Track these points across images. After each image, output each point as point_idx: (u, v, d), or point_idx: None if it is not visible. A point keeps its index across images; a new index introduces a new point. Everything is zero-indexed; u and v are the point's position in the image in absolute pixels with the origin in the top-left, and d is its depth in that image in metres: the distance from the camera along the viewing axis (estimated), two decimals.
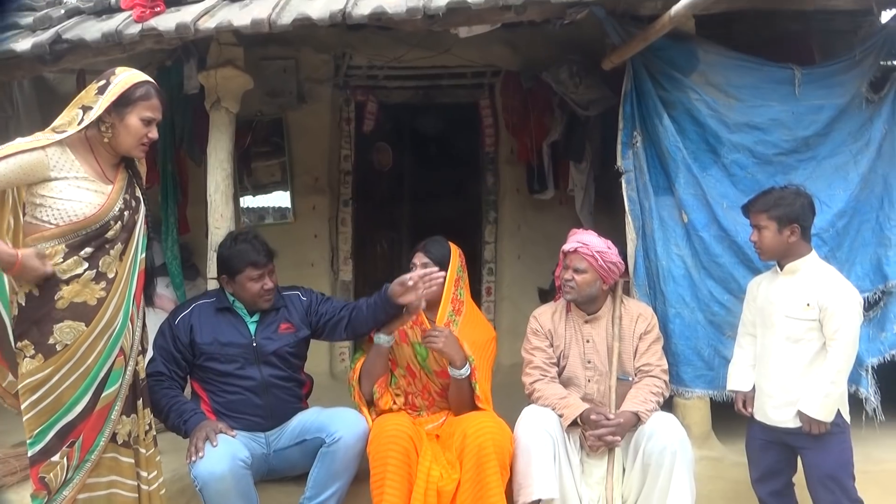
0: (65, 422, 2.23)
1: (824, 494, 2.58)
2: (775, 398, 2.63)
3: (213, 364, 2.79)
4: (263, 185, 4.76)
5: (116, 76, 2.29)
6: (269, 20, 2.64)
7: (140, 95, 2.29)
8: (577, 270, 2.83)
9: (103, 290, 2.26)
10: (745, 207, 2.73)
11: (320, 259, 4.70)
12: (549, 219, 4.56)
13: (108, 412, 2.32)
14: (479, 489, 2.56)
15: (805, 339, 2.57)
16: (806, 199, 2.62)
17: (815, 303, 2.55)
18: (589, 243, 2.83)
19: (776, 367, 2.63)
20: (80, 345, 2.22)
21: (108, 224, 2.28)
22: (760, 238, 2.64)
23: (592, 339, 2.90)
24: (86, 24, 2.86)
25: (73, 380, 2.23)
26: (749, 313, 2.81)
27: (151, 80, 2.35)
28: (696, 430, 3.08)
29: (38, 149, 2.17)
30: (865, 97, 3.12)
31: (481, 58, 4.49)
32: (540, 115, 4.37)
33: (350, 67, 4.62)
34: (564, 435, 2.73)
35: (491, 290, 4.81)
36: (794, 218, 2.58)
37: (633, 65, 3.09)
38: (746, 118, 3.04)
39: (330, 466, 2.70)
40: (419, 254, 2.96)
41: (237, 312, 2.86)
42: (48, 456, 2.22)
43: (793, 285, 2.63)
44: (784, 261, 2.65)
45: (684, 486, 2.57)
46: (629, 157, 3.14)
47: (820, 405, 2.51)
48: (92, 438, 2.29)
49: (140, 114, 2.29)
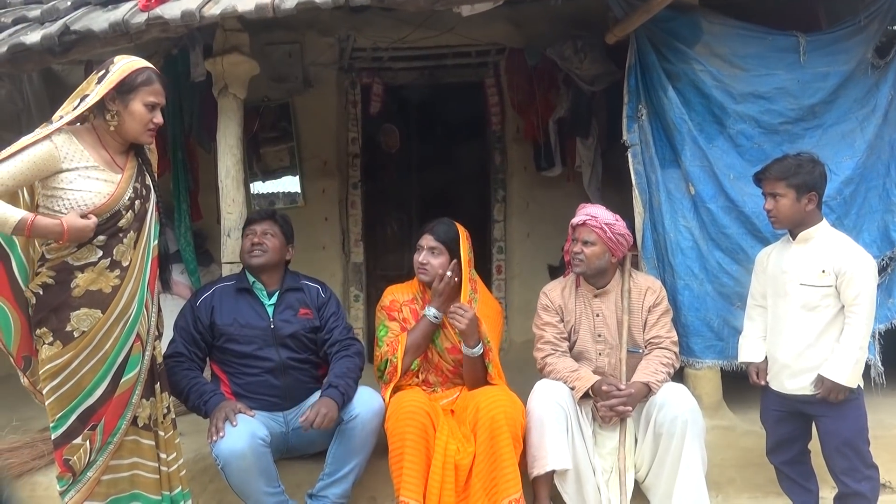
0: (86, 406, 2.30)
1: (841, 461, 2.58)
2: (791, 367, 2.63)
3: (232, 346, 2.85)
4: (273, 171, 4.79)
5: (115, 64, 2.31)
6: (273, 5, 2.65)
7: (142, 81, 2.31)
8: (586, 243, 2.86)
9: (118, 278, 2.31)
10: (758, 175, 2.69)
11: (331, 242, 4.74)
12: (558, 196, 4.56)
13: (129, 396, 2.39)
14: (493, 461, 2.61)
15: (821, 306, 2.56)
16: (822, 167, 2.60)
17: (831, 269, 2.53)
18: (597, 216, 2.86)
19: (791, 336, 2.63)
20: (97, 331, 2.28)
21: (120, 212, 2.31)
22: (777, 206, 2.60)
23: (602, 313, 2.92)
24: (93, 14, 2.88)
25: (92, 365, 2.29)
26: (759, 284, 2.81)
27: (151, 65, 2.37)
28: (708, 399, 3.12)
29: (45, 139, 2.20)
30: (871, 63, 3.11)
31: (485, 36, 4.48)
32: (545, 92, 4.35)
33: (355, 50, 4.62)
34: (576, 407, 2.78)
35: (501, 268, 4.84)
36: (813, 186, 2.56)
37: (636, 38, 3.09)
38: (752, 88, 3.04)
39: (348, 443, 2.76)
40: (427, 236, 2.98)
41: (256, 294, 2.92)
42: (70, 439, 2.29)
43: (807, 253, 2.61)
44: (797, 229, 2.63)
45: (696, 454, 2.61)
46: (635, 131, 3.15)
47: (850, 372, 2.49)
48: (114, 422, 2.36)
49: (143, 99, 2.31)
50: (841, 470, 2.59)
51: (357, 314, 4.76)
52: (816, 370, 2.56)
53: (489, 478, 2.63)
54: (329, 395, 2.72)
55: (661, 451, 2.66)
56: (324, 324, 2.97)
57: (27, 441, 3.19)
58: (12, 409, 3.71)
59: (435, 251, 2.94)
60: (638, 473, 2.76)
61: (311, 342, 2.95)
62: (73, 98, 2.33)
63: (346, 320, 3.06)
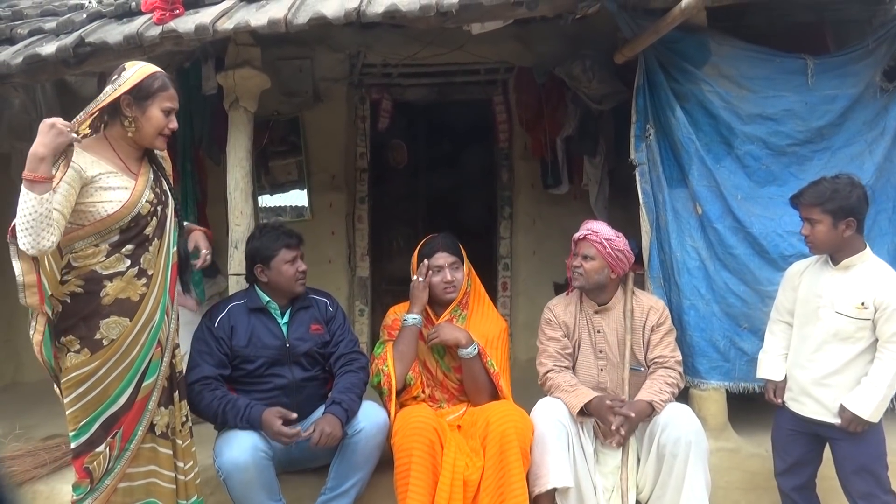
0: (109, 413, 2.30)
1: (859, 484, 2.51)
2: (812, 392, 2.56)
3: (246, 365, 2.81)
4: (281, 184, 4.83)
5: (128, 69, 2.31)
6: (286, 20, 2.69)
7: (158, 87, 2.32)
8: (586, 257, 2.86)
9: (144, 286, 2.33)
10: (794, 199, 2.58)
11: (337, 255, 4.76)
12: (564, 213, 4.57)
13: (147, 402, 2.38)
14: (502, 476, 2.59)
15: (854, 337, 2.47)
16: (861, 191, 2.47)
17: (871, 302, 2.44)
18: (598, 231, 2.87)
19: (817, 362, 2.55)
20: (125, 339, 2.29)
21: (145, 219, 2.32)
22: (813, 232, 2.49)
23: (603, 330, 2.92)
24: (107, 27, 2.92)
25: (118, 372, 2.29)
26: (787, 301, 2.71)
27: (162, 70, 2.38)
28: (713, 421, 3.10)
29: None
30: (879, 86, 3.11)
31: (494, 54, 4.53)
32: (553, 111, 4.39)
33: (365, 66, 4.68)
34: (578, 424, 2.77)
35: (507, 285, 4.84)
36: (850, 211, 2.43)
37: (645, 58, 3.11)
38: (759, 109, 3.05)
39: (351, 457, 2.74)
40: (441, 254, 2.96)
41: (270, 313, 2.88)
42: (93, 447, 2.28)
43: (846, 282, 2.50)
44: (838, 255, 2.52)
45: (699, 476, 2.59)
46: (642, 150, 3.16)
47: (874, 408, 2.43)
48: (131, 429, 2.35)
49: (161, 105, 2.33)
50: (859, 494, 2.54)
51: (362, 328, 4.76)
52: (838, 399, 2.50)
53: (497, 493, 2.60)
54: (332, 411, 2.70)
55: (664, 471, 2.64)
56: (331, 337, 2.97)
57: (29, 449, 3.20)
58: (15, 418, 3.72)
59: (455, 266, 2.96)
60: (640, 494, 2.73)
61: (322, 357, 2.95)
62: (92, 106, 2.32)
63: (351, 332, 3.06)
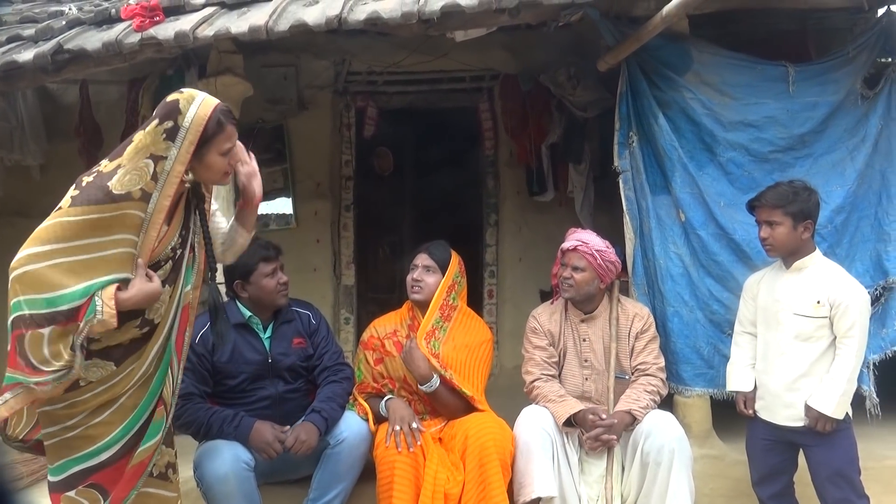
0: (89, 464, 1.98)
1: (834, 491, 2.55)
2: (783, 397, 2.60)
3: (228, 381, 2.79)
4: (266, 193, 4.77)
5: (184, 115, 1.93)
6: (267, 27, 2.68)
7: (215, 132, 1.98)
8: (576, 269, 2.85)
9: (140, 331, 2.01)
10: (752, 203, 2.65)
11: (323, 264, 4.73)
12: (550, 221, 4.56)
13: (147, 467, 2.08)
14: (483, 489, 2.58)
15: (815, 336, 2.54)
16: (816, 195, 2.58)
17: (826, 300, 2.52)
18: (588, 241, 2.86)
19: (783, 366, 2.60)
20: (105, 383, 1.97)
21: (159, 263, 2.02)
22: (773, 235, 2.56)
23: (589, 338, 2.92)
24: (86, 34, 2.89)
25: (102, 419, 1.99)
26: (748, 311, 2.79)
27: (219, 101, 2.03)
28: (697, 428, 3.10)
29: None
30: (860, 93, 3.13)
31: (480, 61, 4.52)
32: (538, 118, 4.38)
33: (350, 73, 4.65)
34: (562, 433, 2.75)
35: (493, 292, 4.82)
36: (808, 214, 2.54)
37: (627, 65, 3.11)
38: (741, 116, 3.06)
39: (333, 468, 2.73)
40: (423, 255, 2.98)
41: (251, 328, 2.85)
42: (65, 490, 2.00)
43: (801, 283, 2.59)
44: (791, 258, 2.61)
45: (683, 484, 2.58)
46: (626, 157, 3.16)
47: (836, 403, 2.48)
48: (125, 493, 2.04)
49: (219, 148, 2.01)
50: (834, 500, 2.57)
51: (347, 337, 4.73)
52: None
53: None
54: (311, 419, 2.68)
55: (648, 479, 2.63)
56: (315, 350, 2.94)
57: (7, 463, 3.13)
58: None
59: (430, 270, 2.94)
60: (625, 502, 2.72)
61: (305, 370, 2.92)
62: (137, 155, 1.92)
63: (335, 343, 3.04)
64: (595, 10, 2.96)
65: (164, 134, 1.92)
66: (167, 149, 1.92)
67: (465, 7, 2.69)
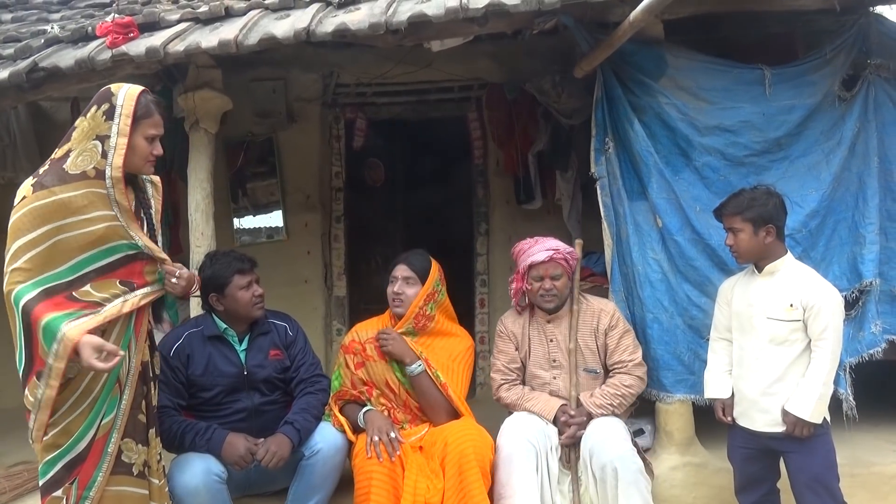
0: (74, 454, 2.16)
1: (812, 498, 2.52)
2: (759, 402, 2.58)
3: (203, 394, 2.79)
4: (265, 205, 4.81)
5: (117, 96, 2.17)
6: (237, 41, 2.70)
7: (144, 113, 2.20)
8: (555, 277, 2.85)
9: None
10: (716, 211, 2.69)
11: (314, 275, 4.74)
12: (540, 229, 4.43)
13: (105, 444, 2.22)
14: (463, 496, 2.56)
15: (789, 340, 2.53)
16: (778, 199, 2.59)
17: (799, 303, 2.51)
18: (559, 248, 2.88)
19: (759, 371, 2.59)
20: (83, 377, 2.15)
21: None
22: (736, 241, 2.59)
23: (556, 338, 2.93)
24: (62, 52, 2.93)
25: (81, 411, 2.17)
26: (723, 317, 2.77)
27: (148, 90, 2.28)
28: (679, 435, 3.07)
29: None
30: (838, 95, 3.11)
31: (467, 71, 4.54)
32: (525, 126, 4.38)
33: (338, 85, 4.69)
34: (547, 443, 2.74)
35: (484, 301, 4.80)
36: (769, 218, 2.54)
37: (602, 71, 3.11)
38: (717, 121, 3.04)
39: (309, 479, 2.73)
40: (401, 266, 2.97)
41: (227, 340, 2.86)
42: (53, 489, 2.15)
43: (773, 287, 2.58)
44: (762, 262, 2.62)
45: (634, 499, 2.56)
46: (602, 163, 3.16)
47: (813, 407, 2.45)
48: (89, 475, 2.19)
49: (144, 132, 2.21)
50: None
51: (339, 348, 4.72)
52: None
53: None
54: (283, 431, 2.68)
55: (601, 497, 2.63)
56: (292, 362, 2.94)
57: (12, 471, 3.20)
58: None
59: (409, 281, 2.94)
60: None
61: (282, 382, 2.92)
62: (84, 139, 2.16)
63: (312, 355, 3.03)
64: (569, 16, 2.96)
65: (104, 116, 2.16)
66: (109, 127, 2.15)
67: (431, 17, 2.69)
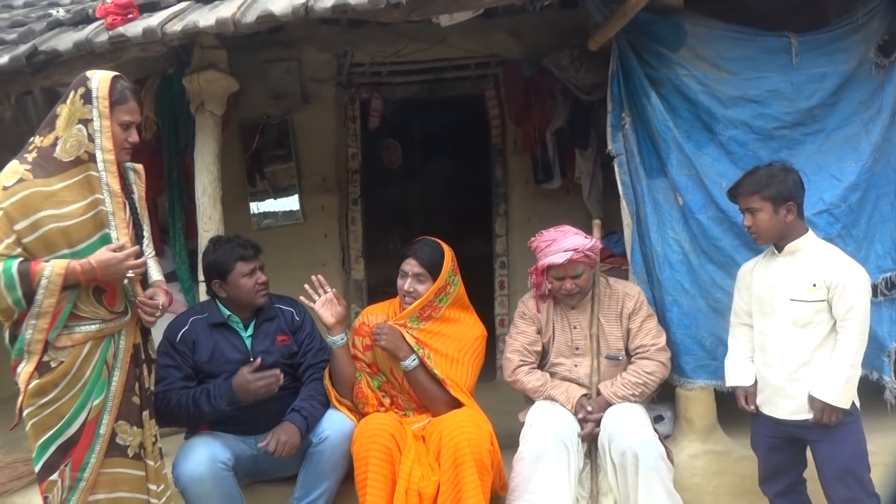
0: (66, 437, 2.19)
1: (840, 489, 2.40)
2: (785, 389, 2.45)
3: (210, 380, 2.74)
4: (284, 188, 4.76)
5: (91, 80, 2.20)
6: (234, 19, 2.63)
7: (119, 98, 2.21)
8: (576, 276, 2.75)
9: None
10: (731, 191, 2.56)
11: (331, 258, 4.68)
12: (560, 209, 4.40)
13: (97, 426, 2.24)
14: (458, 491, 2.50)
15: (813, 322, 2.40)
16: (796, 175, 2.46)
17: (823, 282, 2.38)
18: (577, 246, 2.71)
19: (783, 356, 2.46)
20: (74, 361, 2.19)
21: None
22: (756, 221, 2.46)
23: (580, 325, 2.84)
24: (62, 35, 2.90)
25: (73, 394, 2.19)
26: (742, 302, 2.64)
27: (122, 75, 2.27)
28: (700, 423, 2.95)
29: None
30: (875, 62, 2.92)
31: (483, 47, 4.40)
32: (542, 103, 4.24)
33: (353, 65, 4.58)
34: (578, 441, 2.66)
35: (504, 283, 4.70)
36: (789, 195, 2.42)
37: (617, 43, 2.96)
38: (741, 91, 2.88)
39: (317, 466, 2.70)
40: (411, 261, 2.85)
41: (232, 327, 2.82)
42: (48, 474, 2.18)
43: (795, 266, 2.45)
44: (782, 242, 2.49)
45: (656, 487, 2.48)
46: (619, 140, 3.02)
47: (840, 391, 2.33)
48: (82, 457, 2.21)
49: (119, 119, 2.22)
50: (841, 499, 2.42)
51: None
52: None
53: None
54: (291, 419, 2.64)
55: (621, 483, 2.54)
56: (299, 347, 2.90)
57: (8, 462, 3.19)
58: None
59: (420, 278, 2.83)
60: None
61: (290, 367, 2.87)
62: (68, 124, 2.19)
63: (320, 340, 2.98)
64: None
65: (82, 99, 2.19)
66: (89, 111, 2.19)
67: None
